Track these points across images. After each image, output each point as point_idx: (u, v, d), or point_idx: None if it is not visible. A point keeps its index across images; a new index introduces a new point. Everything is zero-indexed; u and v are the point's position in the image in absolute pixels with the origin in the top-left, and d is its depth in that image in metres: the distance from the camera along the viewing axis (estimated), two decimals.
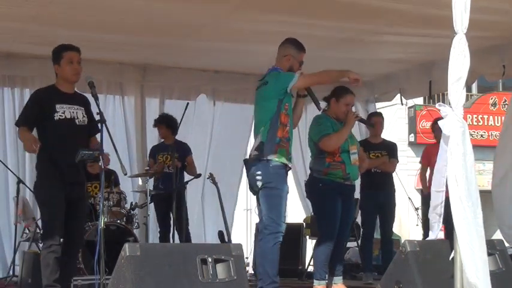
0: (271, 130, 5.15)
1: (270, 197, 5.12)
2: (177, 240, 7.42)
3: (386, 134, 8.33)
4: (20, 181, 7.32)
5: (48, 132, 5.15)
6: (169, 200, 7.34)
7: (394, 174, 7.90)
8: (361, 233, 7.96)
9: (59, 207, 5.06)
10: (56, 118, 5.09)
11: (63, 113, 5.12)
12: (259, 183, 5.11)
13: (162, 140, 8.18)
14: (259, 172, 5.10)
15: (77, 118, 5.16)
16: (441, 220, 4.12)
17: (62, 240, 5.13)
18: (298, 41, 5.45)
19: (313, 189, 6.02)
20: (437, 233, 4.19)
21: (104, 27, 6.65)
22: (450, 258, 3.91)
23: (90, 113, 5.28)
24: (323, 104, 6.03)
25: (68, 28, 6.51)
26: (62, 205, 5.06)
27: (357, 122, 9.05)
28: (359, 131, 9.25)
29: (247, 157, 5.43)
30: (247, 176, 5.37)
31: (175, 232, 7.50)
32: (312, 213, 7.32)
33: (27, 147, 5.05)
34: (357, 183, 7.23)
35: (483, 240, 3.72)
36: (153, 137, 8.51)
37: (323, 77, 5.40)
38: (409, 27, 6.65)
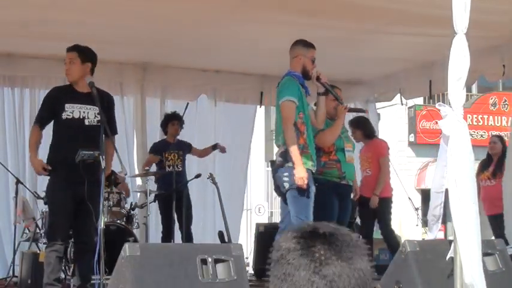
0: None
1: (298, 198, 5.18)
2: (178, 240, 7.41)
3: (386, 134, 8.33)
4: (18, 181, 7.32)
5: (57, 132, 5.19)
6: (176, 200, 7.37)
7: (393, 174, 7.88)
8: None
9: (63, 207, 5.06)
10: (63, 117, 5.10)
11: (72, 112, 5.11)
12: (286, 184, 5.18)
13: (164, 138, 8.14)
14: (286, 174, 5.18)
15: (87, 118, 5.13)
16: (440, 221, 4.12)
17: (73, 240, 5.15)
18: (306, 40, 5.54)
19: None
20: (436, 233, 4.19)
21: (104, 27, 6.65)
22: (447, 258, 3.92)
23: (108, 112, 5.23)
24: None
25: (67, 27, 6.52)
26: (67, 205, 5.06)
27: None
28: None
29: (274, 159, 5.53)
30: (273, 177, 5.45)
31: (178, 232, 7.50)
32: None
33: (36, 171, 5.28)
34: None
35: (480, 241, 3.73)
36: (153, 137, 8.50)
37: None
38: (409, 27, 6.65)
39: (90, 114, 5.12)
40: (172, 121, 8.00)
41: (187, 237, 7.65)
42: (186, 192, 7.81)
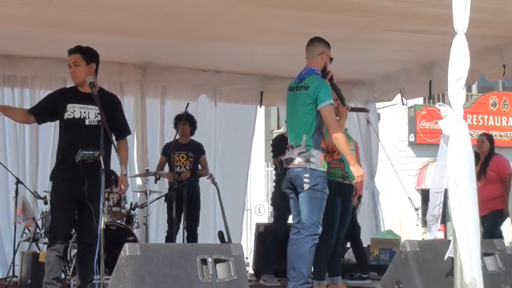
0: (317, 140, 5.22)
1: (315, 199, 5.18)
2: (184, 240, 7.39)
3: (386, 134, 8.33)
4: (18, 181, 7.33)
5: (60, 132, 5.29)
6: (180, 200, 7.34)
7: (393, 174, 7.86)
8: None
9: (62, 207, 5.10)
10: (65, 117, 5.16)
11: (73, 112, 5.16)
12: (306, 186, 5.17)
13: (176, 139, 8.08)
14: (307, 175, 5.16)
15: (88, 118, 5.15)
16: (439, 221, 4.13)
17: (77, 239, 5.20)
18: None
19: None
20: (435, 233, 4.20)
21: (104, 28, 6.65)
22: (445, 258, 3.93)
23: (114, 113, 5.23)
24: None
25: (67, 29, 6.53)
26: (68, 205, 5.09)
27: (356, 121, 9.21)
28: (358, 128, 9.28)
29: (285, 158, 5.41)
30: (288, 176, 5.35)
31: (180, 232, 7.48)
32: None
33: None
34: None
35: (479, 241, 3.73)
36: (153, 137, 8.51)
37: (340, 144, 5.26)
38: (409, 26, 6.65)
39: (90, 114, 5.14)
40: (179, 122, 8.00)
41: (191, 238, 7.62)
42: (194, 193, 7.76)
